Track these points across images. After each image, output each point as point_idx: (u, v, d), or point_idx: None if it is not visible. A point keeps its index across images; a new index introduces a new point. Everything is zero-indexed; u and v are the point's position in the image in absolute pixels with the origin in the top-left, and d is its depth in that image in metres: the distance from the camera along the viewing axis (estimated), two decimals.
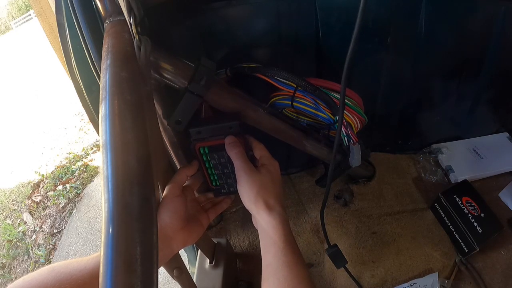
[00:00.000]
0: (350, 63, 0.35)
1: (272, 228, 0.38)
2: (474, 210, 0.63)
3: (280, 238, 0.37)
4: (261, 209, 0.39)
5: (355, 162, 0.54)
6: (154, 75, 0.41)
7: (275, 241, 0.37)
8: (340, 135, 0.45)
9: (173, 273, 0.48)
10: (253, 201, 0.39)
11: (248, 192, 0.40)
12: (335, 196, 0.73)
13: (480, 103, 0.75)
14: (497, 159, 0.76)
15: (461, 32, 0.63)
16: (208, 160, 0.45)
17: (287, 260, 0.36)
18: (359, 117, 0.54)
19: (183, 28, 0.54)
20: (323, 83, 0.52)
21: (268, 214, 0.38)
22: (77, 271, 0.33)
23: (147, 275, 0.20)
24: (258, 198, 0.39)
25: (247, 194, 0.40)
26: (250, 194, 0.39)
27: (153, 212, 0.23)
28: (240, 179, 0.40)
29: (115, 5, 0.36)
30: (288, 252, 0.36)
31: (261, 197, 0.39)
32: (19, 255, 1.90)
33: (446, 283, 0.59)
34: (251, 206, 0.40)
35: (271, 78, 0.51)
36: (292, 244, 0.37)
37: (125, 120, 0.26)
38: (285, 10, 0.55)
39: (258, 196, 0.39)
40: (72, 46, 0.47)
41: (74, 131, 2.85)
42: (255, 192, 0.39)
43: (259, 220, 0.40)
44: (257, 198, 0.39)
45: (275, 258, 0.37)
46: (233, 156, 0.41)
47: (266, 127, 0.51)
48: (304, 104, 0.52)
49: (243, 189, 0.40)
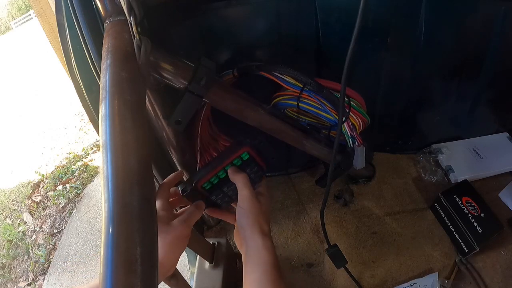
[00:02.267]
0: (350, 63, 0.35)
1: (265, 249, 0.42)
2: (474, 210, 0.63)
3: (272, 258, 0.42)
4: (256, 233, 0.43)
5: (359, 165, 0.54)
6: (154, 75, 0.41)
7: (267, 260, 0.42)
8: (340, 136, 0.45)
9: (170, 282, 0.48)
10: (250, 224, 0.44)
11: (248, 215, 0.44)
12: (335, 196, 0.73)
13: (480, 103, 0.75)
14: (497, 159, 0.76)
15: (461, 32, 0.63)
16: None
17: (275, 278, 0.40)
18: (362, 118, 0.54)
19: (183, 28, 0.54)
20: (324, 83, 0.52)
21: (262, 237, 0.43)
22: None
23: (147, 275, 0.20)
24: (255, 223, 0.44)
25: (246, 216, 0.44)
26: (249, 217, 0.44)
27: (153, 212, 0.23)
28: (244, 202, 0.44)
29: (115, 5, 0.36)
30: (276, 271, 0.41)
31: (258, 222, 0.44)
32: (19, 255, 1.90)
33: (446, 283, 0.59)
34: (247, 228, 0.44)
35: (277, 78, 0.51)
36: (279, 265, 0.42)
37: (125, 120, 0.26)
38: (285, 10, 0.55)
39: (255, 221, 0.44)
40: (72, 46, 0.47)
41: (74, 131, 2.85)
42: (254, 217, 0.44)
43: (250, 241, 0.43)
44: (254, 223, 0.44)
45: (264, 274, 0.41)
46: (239, 180, 0.44)
47: (266, 127, 0.51)
48: (310, 104, 0.52)
49: (243, 211, 0.44)
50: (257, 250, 0.42)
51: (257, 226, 0.44)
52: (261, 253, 0.42)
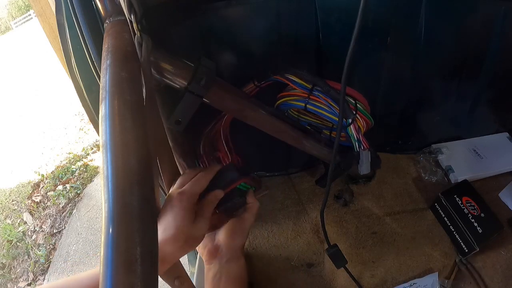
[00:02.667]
0: (350, 63, 0.35)
1: (245, 269, 0.49)
2: (474, 210, 0.63)
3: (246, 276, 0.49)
4: (241, 255, 0.49)
5: (364, 170, 0.54)
6: (154, 75, 0.41)
7: (245, 278, 0.48)
8: (340, 135, 0.45)
9: (174, 283, 0.46)
10: (240, 247, 0.49)
11: (242, 240, 0.49)
12: (335, 196, 0.73)
13: (480, 103, 0.75)
14: (497, 159, 0.76)
15: (461, 32, 0.63)
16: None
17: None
18: (367, 120, 0.54)
19: (183, 28, 0.54)
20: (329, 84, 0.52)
21: (243, 258, 0.50)
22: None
23: (147, 275, 0.20)
24: (243, 247, 0.50)
25: (240, 241, 0.49)
26: (242, 241, 0.49)
27: (153, 212, 0.23)
28: (242, 230, 0.48)
29: (115, 5, 0.36)
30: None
31: (243, 246, 0.50)
32: (19, 255, 1.90)
33: (446, 283, 0.59)
34: (237, 249, 0.48)
35: (288, 79, 0.51)
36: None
37: (125, 120, 0.26)
38: (285, 10, 0.55)
39: (243, 245, 0.49)
40: (72, 46, 0.47)
41: (74, 131, 2.85)
42: (244, 241, 0.49)
43: (232, 262, 0.47)
44: (242, 246, 0.50)
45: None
46: (255, 207, 0.49)
47: (266, 127, 0.51)
48: (318, 106, 0.52)
49: (238, 238, 0.48)
50: (235, 270, 0.47)
51: (242, 250, 0.49)
52: (240, 273, 0.48)
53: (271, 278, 0.64)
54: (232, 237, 0.48)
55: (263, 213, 0.75)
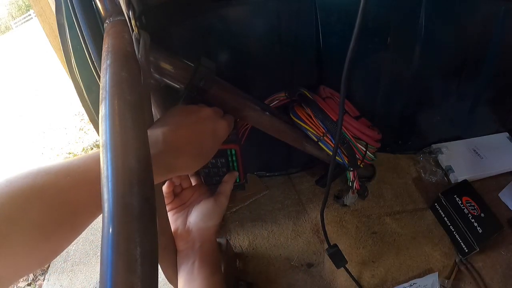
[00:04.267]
0: (350, 63, 0.35)
1: (217, 252, 0.47)
2: (474, 210, 0.63)
3: (220, 258, 0.47)
4: (214, 239, 0.47)
5: (349, 202, 0.57)
6: (154, 75, 0.41)
7: (218, 260, 0.46)
8: (340, 135, 0.45)
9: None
10: (213, 231, 0.46)
11: (215, 223, 0.46)
12: (335, 196, 0.73)
13: (480, 103, 0.75)
14: (497, 159, 0.76)
15: (461, 32, 0.63)
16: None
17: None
18: (370, 163, 0.59)
19: (183, 28, 0.54)
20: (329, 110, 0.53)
21: (215, 242, 0.48)
22: (75, 173, 0.26)
23: (147, 275, 0.20)
24: (216, 231, 0.47)
25: (213, 224, 0.46)
26: (215, 224, 0.47)
27: (153, 212, 0.23)
28: (215, 212, 0.46)
29: (115, 5, 0.36)
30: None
31: (216, 229, 0.47)
32: None
33: (446, 283, 0.59)
34: (210, 233, 0.46)
35: (313, 108, 0.52)
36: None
37: (125, 120, 0.26)
38: (285, 10, 0.55)
39: (216, 228, 0.47)
40: (72, 46, 0.47)
41: (74, 131, 2.85)
42: (217, 224, 0.47)
43: (204, 247, 0.45)
44: (215, 230, 0.47)
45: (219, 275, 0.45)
46: (225, 195, 0.48)
47: (266, 127, 0.51)
48: (328, 147, 0.54)
49: (211, 221, 0.46)
50: (213, 251, 0.46)
51: (216, 233, 0.47)
52: (215, 254, 0.46)
53: (271, 278, 0.64)
54: (204, 220, 0.45)
55: (263, 213, 0.75)
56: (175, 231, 0.46)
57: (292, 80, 0.64)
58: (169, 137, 0.33)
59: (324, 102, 0.53)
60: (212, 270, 0.44)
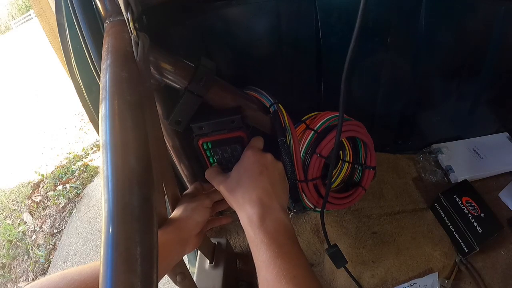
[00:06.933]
0: (350, 63, 0.35)
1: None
2: (474, 210, 0.63)
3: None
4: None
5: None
6: (154, 75, 0.41)
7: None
8: (340, 135, 0.45)
9: (176, 278, 0.47)
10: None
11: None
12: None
13: (480, 103, 0.75)
14: (497, 159, 0.76)
15: (461, 32, 0.63)
16: (211, 155, 0.46)
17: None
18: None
19: (183, 28, 0.54)
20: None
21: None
22: (91, 278, 0.33)
23: (147, 275, 0.20)
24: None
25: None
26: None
27: (153, 212, 0.23)
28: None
29: (115, 5, 0.36)
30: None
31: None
32: (19, 255, 1.90)
33: (446, 283, 0.59)
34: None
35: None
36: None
37: (125, 120, 0.26)
38: (285, 10, 0.55)
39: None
40: (72, 46, 0.47)
41: (74, 131, 2.85)
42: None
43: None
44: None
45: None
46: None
47: (266, 127, 0.51)
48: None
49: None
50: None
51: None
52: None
53: None
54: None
55: None
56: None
57: (292, 80, 0.64)
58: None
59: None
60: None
